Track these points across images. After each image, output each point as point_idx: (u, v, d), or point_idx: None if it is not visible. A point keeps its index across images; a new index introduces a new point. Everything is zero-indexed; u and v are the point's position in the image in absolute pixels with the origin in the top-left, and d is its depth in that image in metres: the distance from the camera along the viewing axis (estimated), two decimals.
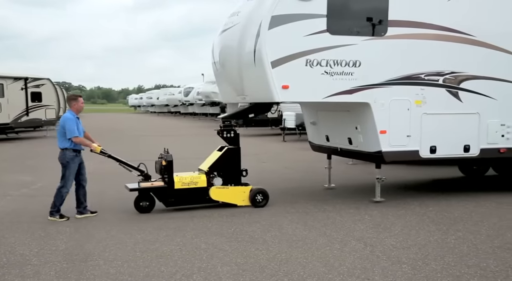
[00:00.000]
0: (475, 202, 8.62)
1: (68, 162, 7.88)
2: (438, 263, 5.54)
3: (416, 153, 8.35)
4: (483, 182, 11.01)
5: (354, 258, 5.77)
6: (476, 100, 8.51)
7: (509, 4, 8.61)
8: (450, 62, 8.37)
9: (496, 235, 6.62)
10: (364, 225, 7.23)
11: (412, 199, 8.85)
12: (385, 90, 8.11)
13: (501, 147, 8.72)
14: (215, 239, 6.66)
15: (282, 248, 6.22)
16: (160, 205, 8.37)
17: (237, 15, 8.40)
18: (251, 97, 8.55)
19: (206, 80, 39.72)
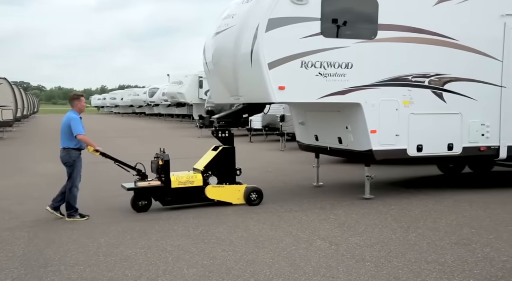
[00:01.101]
0: (434, 200, 8.90)
1: (74, 161, 7.97)
2: (399, 260, 5.71)
3: (404, 152, 8.74)
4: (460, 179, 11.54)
5: (320, 257, 5.88)
6: (459, 101, 8.97)
7: (489, 11, 9.09)
8: (435, 65, 8.80)
9: (453, 232, 6.87)
10: (329, 224, 7.35)
11: (375, 198, 9.04)
12: (375, 91, 8.47)
13: (481, 145, 9.20)
14: (181, 241, 6.64)
15: (248, 248, 6.26)
16: (123, 207, 8.41)
17: (232, 17, 8.61)
18: (245, 97, 8.77)
19: (171, 81, 39.47)
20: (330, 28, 8.20)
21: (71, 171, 7.98)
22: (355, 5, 8.48)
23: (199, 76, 35.39)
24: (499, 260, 5.64)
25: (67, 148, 7.95)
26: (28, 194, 10.07)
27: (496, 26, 9.14)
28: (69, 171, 8.00)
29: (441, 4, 8.76)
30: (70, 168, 7.98)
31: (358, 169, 12.40)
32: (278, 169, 13.12)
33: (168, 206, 8.56)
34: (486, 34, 9.13)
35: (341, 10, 8.38)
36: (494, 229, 6.96)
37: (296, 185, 10.73)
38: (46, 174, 12.49)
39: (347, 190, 10.02)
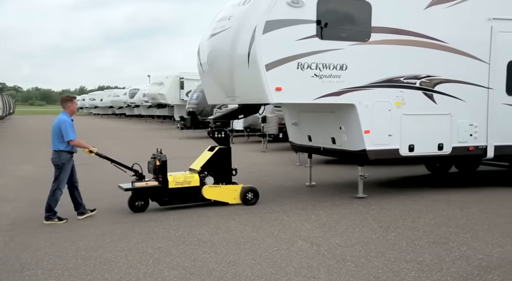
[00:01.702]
0: (413, 200, 9.06)
1: (64, 164, 7.92)
2: (379, 260, 5.79)
3: (396, 151, 8.97)
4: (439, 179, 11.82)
5: (301, 257, 5.92)
6: (448, 102, 9.23)
7: (477, 15, 9.37)
8: (426, 67, 9.04)
9: (431, 231, 7.00)
10: (310, 225, 7.40)
11: (356, 199, 9.17)
12: (369, 92, 8.67)
13: (470, 145, 9.48)
14: (162, 243, 6.60)
15: (230, 250, 6.26)
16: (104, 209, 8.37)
17: (228, 19, 8.72)
18: (242, 98, 8.89)
19: (152, 82, 39.32)
20: (325, 30, 8.36)
21: (58, 173, 7.92)
22: (349, 8, 8.67)
23: (180, 77, 35.40)
24: (475, 258, 5.78)
25: (58, 150, 7.92)
26: (3, 196, 9.92)
27: (483, 30, 9.43)
28: (56, 173, 7.94)
29: (432, 7, 9.01)
30: (59, 170, 7.92)
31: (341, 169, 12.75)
32: (260, 170, 13.16)
33: (165, 206, 8.63)
34: (474, 37, 9.41)
35: (335, 13, 8.57)
36: (470, 228, 7.11)
37: (279, 186, 10.79)
38: (23, 176, 12.44)
39: (330, 190, 10.18)
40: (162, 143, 22.25)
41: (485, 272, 5.31)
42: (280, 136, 19.00)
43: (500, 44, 9.49)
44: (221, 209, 8.49)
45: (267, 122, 18.85)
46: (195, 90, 27.24)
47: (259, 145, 19.19)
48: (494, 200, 8.90)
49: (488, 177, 11.96)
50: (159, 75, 37.67)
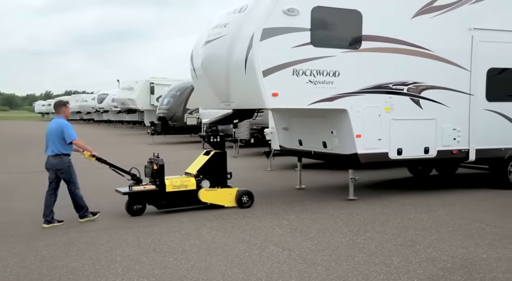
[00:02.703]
0: (381, 204, 9.23)
1: (68, 167, 8.07)
2: (349, 263, 5.88)
3: (386, 155, 9.32)
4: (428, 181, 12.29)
5: (272, 262, 5.95)
6: (434, 107, 9.65)
7: (459, 24, 9.83)
8: (412, 73, 9.44)
9: (399, 234, 7.15)
10: (282, 230, 7.46)
11: (326, 203, 9.32)
12: (360, 98, 9.01)
13: (454, 148, 9.92)
14: (131, 251, 6.50)
15: (201, 256, 6.23)
16: (71, 217, 8.23)
17: (224, 26, 8.93)
18: (237, 103, 9.11)
19: (122, 87, 39.05)
20: (319, 38, 8.67)
21: (68, 177, 8.05)
22: (341, 17, 8.97)
23: (150, 82, 35.27)
24: (440, 260, 5.95)
25: (60, 154, 8.01)
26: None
27: (465, 39, 9.90)
28: (67, 178, 8.07)
29: (418, 17, 9.43)
30: (67, 174, 8.04)
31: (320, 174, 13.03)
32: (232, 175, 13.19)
33: (163, 210, 8.76)
34: (456, 46, 9.86)
35: (328, 22, 8.89)
36: (436, 230, 7.32)
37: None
38: None
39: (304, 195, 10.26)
40: (132, 149, 22.18)
41: (450, 273, 5.48)
42: (252, 141, 19.10)
43: (480, 53, 9.98)
44: (192, 215, 8.48)
45: (238, 128, 18.78)
46: (166, 95, 27.26)
47: (230, 150, 19.10)
48: (458, 203, 9.20)
49: (465, 179, 12.45)
50: (129, 80, 37.47)
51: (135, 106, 35.65)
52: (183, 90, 26.69)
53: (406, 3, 9.43)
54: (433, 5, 9.54)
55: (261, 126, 17.88)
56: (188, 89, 26.55)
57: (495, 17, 10.16)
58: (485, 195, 10.00)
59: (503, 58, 10.34)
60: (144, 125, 36.46)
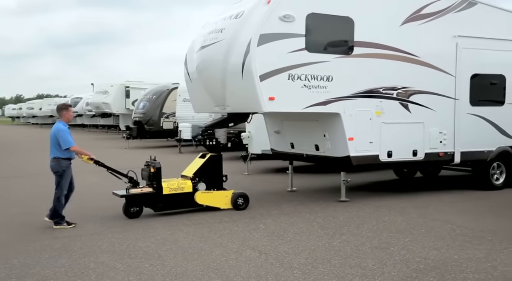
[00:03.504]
0: (357, 206, 9.36)
1: (64, 171, 8.11)
2: (325, 266, 5.93)
3: (376, 157, 9.62)
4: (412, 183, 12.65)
5: (249, 267, 5.94)
6: (421, 111, 10.00)
7: (444, 32, 10.22)
8: (401, 79, 9.77)
9: (374, 236, 7.25)
10: (259, 234, 7.47)
11: (303, 207, 9.41)
12: (352, 102, 9.28)
13: (440, 151, 10.28)
14: (105, 257, 6.40)
15: (177, 261, 6.18)
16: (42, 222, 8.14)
17: (220, 31, 9.10)
18: (232, 107, 9.28)
19: (96, 90, 38.61)
20: (313, 43, 8.91)
21: (59, 180, 8.11)
22: (335, 23, 9.23)
23: (125, 85, 35.03)
24: (413, 261, 6.08)
25: (57, 158, 8.10)
26: None
27: (450, 45, 10.29)
28: (57, 180, 8.13)
29: (406, 24, 9.77)
30: (59, 177, 8.11)
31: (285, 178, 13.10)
32: None
33: (160, 212, 8.86)
34: (442, 52, 10.25)
35: (322, 28, 9.12)
36: (409, 232, 7.47)
37: None
38: None
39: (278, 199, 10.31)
40: (107, 153, 21.43)
41: (423, 274, 5.60)
42: (229, 145, 18.96)
43: (464, 59, 10.39)
44: (168, 220, 8.46)
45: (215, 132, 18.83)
46: (142, 99, 27.15)
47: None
48: (430, 205, 9.43)
49: (447, 181, 12.87)
50: (104, 84, 37.16)
51: (110, 110, 35.33)
52: (159, 94, 26.62)
53: (395, 11, 9.76)
54: (420, 13, 9.90)
55: (238, 130, 17.66)
56: (165, 93, 26.49)
57: (478, 26, 10.59)
58: (457, 197, 10.26)
59: (485, 64, 10.79)
60: (119, 129, 36.12)
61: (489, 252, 6.39)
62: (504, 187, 11.08)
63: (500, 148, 10.95)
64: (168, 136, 26.90)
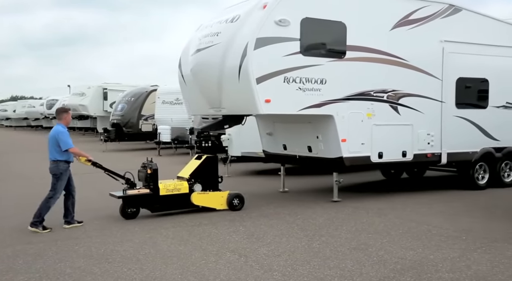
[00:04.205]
0: (336, 208, 9.42)
1: (61, 174, 8.18)
2: (305, 268, 5.96)
3: (368, 158, 9.87)
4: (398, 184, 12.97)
5: (229, 269, 5.93)
6: (410, 114, 10.30)
7: (431, 37, 10.54)
8: (391, 82, 10.06)
9: (352, 238, 7.33)
10: (238, 236, 7.46)
11: (282, 209, 9.45)
12: (345, 104, 9.52)
13: (428, 152, 10.60)
14: (82, 262, 6.30)
15: (156, 265, 6.12)
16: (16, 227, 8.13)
17: (216, 35, 9.24)
18: (228, 109, 9.43)
19: (73, 92, 38.16)
20: (307, 47, 9.13)
21: (55, 182, 8.17)
22: (328, 27, 9.46)
23: (103, 87, 34.81)
24: (391, 262, 6.16)
25: (56, 160, 8.17)
26: None
27: (437, 50, 10.63)
28: (53, 182, 8.20)
29: (396, 29, 10.07)
30: (56, 179, 8.17)
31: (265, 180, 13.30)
32: None
33: (156, 213, 8.96)
34: (429, 56, 10.58)
35: (316, 32, 9.34)
36: (387, 233, 7.57)
37: None
38: None
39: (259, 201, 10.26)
40: None
41: (400, 274, 5.69)
42: None
43: (450, 63, 10.73)
44: (146, 223, 8.39)
45: (195, 134, 18.62)
46: (120, 101, 26.90)
47: (187, 157, 18.78)
48: (408, 206, 9.58)
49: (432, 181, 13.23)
50: (81, 85, 36.80)
51: (87, 112, 35.02)
52: (138, 96, 26.44)
53: (385, 16, 10.05)
54: (409, 18, 10.21)
55: (218, 133, 17.74)
56: (143, 95, 26.29)
57: (463, 31, 10.95)
58: (433, 199, 10.42)
59: (470, 68, 11.15)
60: (97, 132, 35.84)
61: (463, 252, 6.54)
62: (487, 187, 11.47)
63: (484, 149, 11.33)
64: (147, 139, 26.68)
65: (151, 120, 25.58)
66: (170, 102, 23.41)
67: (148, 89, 27.00)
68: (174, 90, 23.75)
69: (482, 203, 9.98)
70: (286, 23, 8.86)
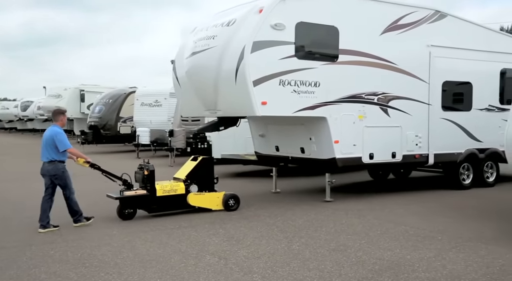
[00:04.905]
0: (315, 210, 9.47)
1: (63, 173, 8.30)
2: (285, 270, 5.97)
3: (359, 159, 10.13)
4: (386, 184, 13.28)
5: (209, 272, 5.91)
6: (399, 116, 10.60)
7: (419, 41, 10.88)
8: (381, 85, 10.34)
9: (332, 239, 7.37)
10: (218, 239, 7.43)
11: (262, 211, 9.47)
12: (337, 107, 9.76)
13: (416, 153, 10.92)
14: (58, 267, 6.15)
15: (134, 269, 6.04)
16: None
17: (212, 38, 9.38)
18: (224, 111, 9.58)
19: (48, 94, 37.62)
20: (302, 51, 9.35)
21: (63, 182, 8.29)
22: (321, 32, 9.69)
23: (80, 89, 34.46)
24: (369, 262, 6.22)
25: (54, 160, 8.23)
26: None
27: (424, 54, 10.97)
28: (62, 183, 8.30)
29: (385, 34, 10.36)
30: (62, 180, 8.28)
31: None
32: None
33: (153, 213, 9.05)
34: (417, 60, 10.91)
35: (310, 36, 9.56)
36: (365, 234, 7.65)
37: None
38: None
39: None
40: None
41: (378, 275, 5.76)
42: (188, 150, 18.28)
43: (436, 67, 11.08)
44: (124, 226, 8.30)
45: (174, 136, 18.39)
46: (98, 103, 26.76)
47: (166, 159, 18.63)
48: (386, 208, 9.71)
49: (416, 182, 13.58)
50: (57, 87, 36.32)
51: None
52: (116, 98, 26.29)
53: (376, 21, 10.33)
54: (398, 24, 10.52)
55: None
56: (122, 97, 26.19)
57: (448, 36, 11.31)
58: (411, 199, 10.63)
59: (455, 72, 11.53)
60: (74, 134, 35.39)
61: (439, 252, 6.66)
62: (471, 187, 11.85)
63: (468, 150, 11.71)
64: (126, 141, 26.50)
65: (130, 122, 25.44)
66: (149, 104, 23.33)
67: (126, 91, 26.83)
68: (153, 92, 23.78)
69: (456, 203, 10.20)
70: (282, 27, 9.06)
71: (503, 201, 10.33)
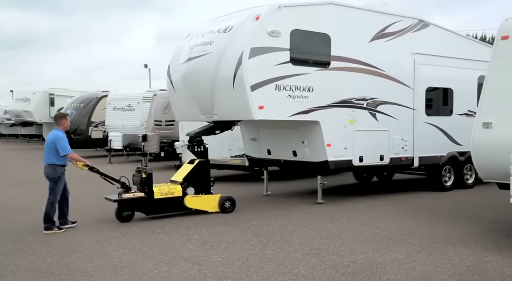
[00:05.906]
0: (289, 214, 9.55)
1: (60, 177, 8.39)
2: (259, 274, 5.96)
3: (350, 162, 10.47)
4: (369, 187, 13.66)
5: (182, 278, 5.85)
6: (386, 120, 11.00)
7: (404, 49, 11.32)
8: (370, 90, 10.72)
9: (306, 243, 7.40)
10: (192, 245, 7.37)
11: (237, 215, 9.53)
12: (330, 111, 10.08)
13: (402, 156, 11.34)
14: (25, 276, 5.99)
15: (106, 277, 5.94)
16: None
17: (210, 44, 9.58)
18: (220, 116, 9.78)
19: (16, 97, 36.92)
20: (296, 57, 9.63)
21: (54, 185, 8.36)
22: (315, 39, 10.00)
23: (50, 93, 33.99)
24: (342, 265, 6.29)
25: (53, 164, 8.33)
26: None
27: (409, 61, 11.42)
28: (52, 186, 8.38)
29: (373, 41, 10.76)
30: (55, 183, 8.36)
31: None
32: None
33: (151, 216, 9.19)
34: (403, 67, 11.35)
35: (304, 43, 9.86)
36: (339, 237, 7.71)
37: None
38: None
39: None
40: (27, 165, 20.46)
41: (351, 277, 5.84)
42: (162, 155, 18.73)
43: (420, 74, 11.55)
44: (95, 233, 8.17)
45: (148, 141, 18.33)
46: (68, 107, 26.41)
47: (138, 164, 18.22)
48: (358, 211, 9.85)
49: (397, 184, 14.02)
50: (25, 91, 35.73)
51: (32, 119, 34.04)
52: (88, 102, 25.99)
53: (365, 28, 10.72)
54: (385, 32, 10.93)
55: (171, 140, 17.65)
56: (93, 101, 25.92)
57: (431, 44, 11.79)
58: (382, 202, 10.81)
59: (437, 79, 12.02)
60: (43, 139, 34.82)
61: (409, 254, 6.78)
62: (453, 188, 12.33)
63: (450, 153, 12.20)
64: (97, 146, 26.24)
65: (102, 126, 25.20)
66: (121, 108, 23.19)
67: (98, 94, 26.56)
68: (126, 96, 23.60)
69: (426, 205, 10.47)
70: (277, 34, 9.33)
71: (474, 203, 10.68)
